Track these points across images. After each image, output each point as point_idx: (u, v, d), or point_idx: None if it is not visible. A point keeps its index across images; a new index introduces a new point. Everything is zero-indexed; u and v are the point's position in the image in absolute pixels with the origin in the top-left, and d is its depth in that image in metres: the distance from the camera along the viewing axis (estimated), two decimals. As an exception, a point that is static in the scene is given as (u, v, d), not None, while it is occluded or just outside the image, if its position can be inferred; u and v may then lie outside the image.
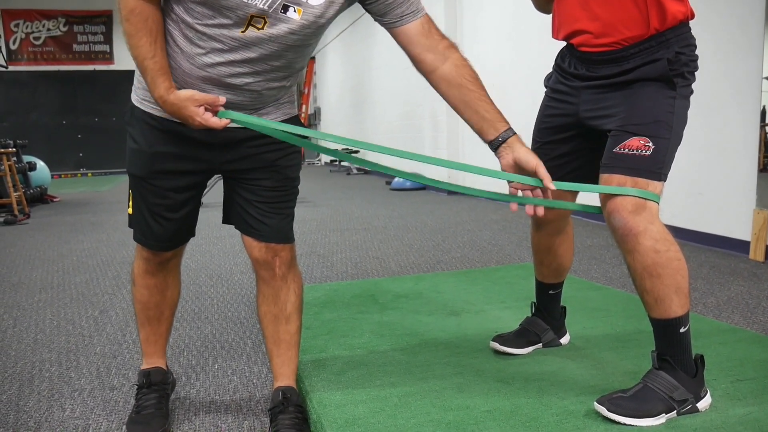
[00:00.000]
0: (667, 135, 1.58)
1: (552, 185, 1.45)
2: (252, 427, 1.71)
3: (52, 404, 1.88)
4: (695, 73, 1.64)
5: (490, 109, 1.51)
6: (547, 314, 2.10)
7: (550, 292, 2.08)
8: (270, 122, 1.51)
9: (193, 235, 1.73)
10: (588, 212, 1.62)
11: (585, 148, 1.81)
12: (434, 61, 1.51)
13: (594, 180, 1.79)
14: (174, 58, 1.45)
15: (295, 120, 1.66)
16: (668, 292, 1.56)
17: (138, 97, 1.58)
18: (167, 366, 1.87)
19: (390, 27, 1.52)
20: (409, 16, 1.49)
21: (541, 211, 1.50)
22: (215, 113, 1.43)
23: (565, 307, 2.14)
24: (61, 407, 1.86)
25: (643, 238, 1.54)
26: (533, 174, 1.47)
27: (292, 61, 1.50)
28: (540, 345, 2.08)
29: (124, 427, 1.72)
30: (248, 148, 1.58)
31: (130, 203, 1.67)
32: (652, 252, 1.54)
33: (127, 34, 1.41)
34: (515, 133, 1.50)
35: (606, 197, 1.59)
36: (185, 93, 1.41)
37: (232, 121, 1.45)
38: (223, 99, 1.43)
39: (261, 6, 1.36)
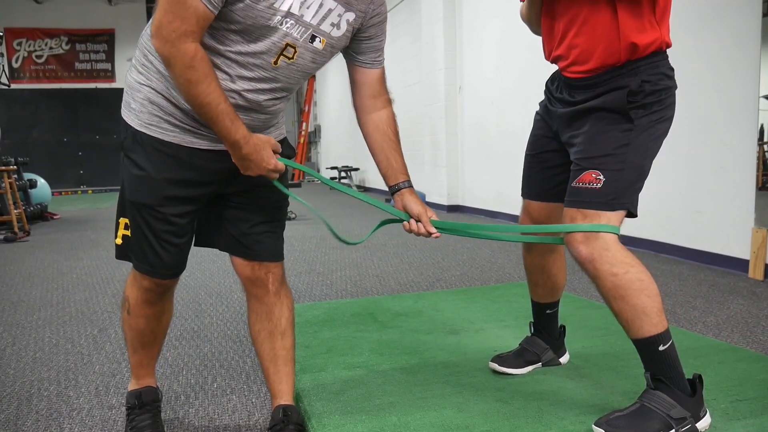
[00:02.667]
0: (619, 167, 1.62)
1: (432, 229, 1.67)
2: (251, 447, 1.71)
3: (51, 423, 1.88)
4: (665, 100, 1.65)
5: (399, 160, 1.71)
6: (546, 333, 2.10)
7: (547, 311, 2.09)
8: (320, 175, 1.69)
9: (182, 271, 1.70)
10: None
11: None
12: (373, 105, 1.70)
13: None
14: None
15: (284, 141, 1.71)
16: (635, 312, 1.59)
17: (142, 121, 1.51)
18: (156, 383, 1.86)
19: (359, 65, 1.67)
20: (378, 63, 1.68)
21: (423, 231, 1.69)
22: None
23: (564, 327, 2.14)
24: (59, 426, 1.86)
25: (598, 263, 1.60)
26: (417, 218, 1.69)
27: (301, 84, 1.61)
28: (539, 364, 2.08)
29: None
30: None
31: (121, 233, 1.60)
32: (609, 276, 1.59)
33: (192, 82, 1.35)
34: (410, 186, 1.72)
35: (566, 234, 1.67)
36: (264, 136, 1.48)
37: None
38: (279, 147, 1.50)
39: (296, 35, 1.42)
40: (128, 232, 1.59)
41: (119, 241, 1.62)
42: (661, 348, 1.59)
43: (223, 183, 1.59)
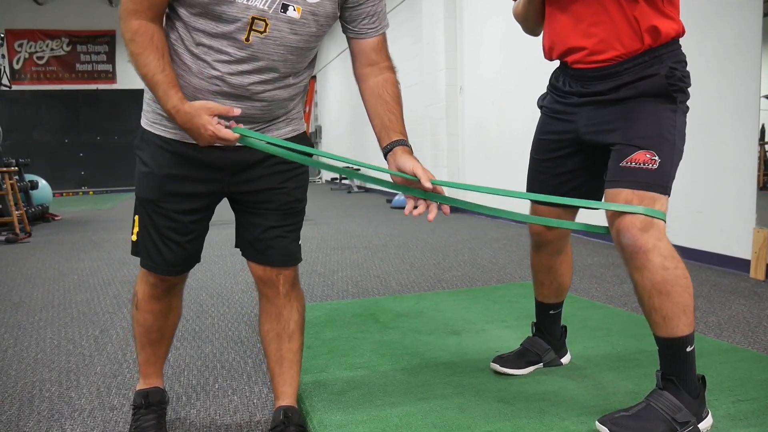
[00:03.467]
0: (671, 149, 1.60)
1: (428, 183, 1.44)
2: (252, 448, 1.71)
3: (52, 424, 1.88)
4: (689, 89, 1.67)
5: (393, 119, 1.55)
6: (548, 334, 2.10)
7: (551, 312, 2.08)
8: (277, 140, 1.50)
9: (199, 260, 1.72)
10: (592, 232, 1.63)
11: (585, 166, 1.82)
12: (370, 73, 1.60)
13: (595, 196, 1.80)
14: (183, 77, 1.46)
15: (303, 136, 1.67)
16: (676, 310, 1.55)
17: (148, 120, 1.57)
18: (164, 385, 1.87)
19: (353, 36, 1.59)
20: (373, 31, 1.57)
21: (431, 216, 1.50)
22: (230, 128, 1.42)
23: (565, 327, 2.14)
24: (61, 427, 1.86)
25: (652, 255, 1.53)
26: (412, 173, 1.47)
27: (295, 64, 1.52)
28: (541, 365, 2.08)
29: None
30: (257, 170, 1.59)
31: (136, 230, 1.64)
32: (661, 269, 1.54)
33: (134, 55, 1.41)
34: (404, 145, 1.53)
35: (614, 215, 1.59)
36: (199, 102, 1.41)
37: (242, 137, 1.43)
38: (237, 110, 1.41)
39: (261, 6, 1.38)
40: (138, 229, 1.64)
41: (134, 237, 1.65)
42: (688, 349, 1.57)
43: (226, 180, 1.59)
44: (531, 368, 2.06)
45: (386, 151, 1.54)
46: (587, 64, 1.68)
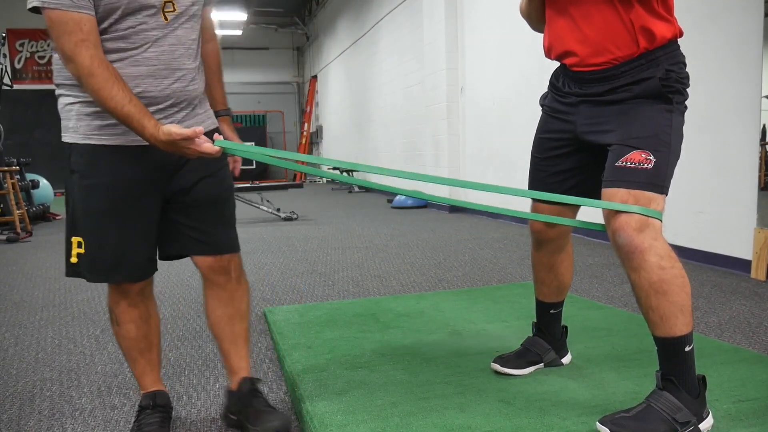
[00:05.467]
0: (666, 149, 1.60)
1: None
2: (253, 447, 1.71)
3: (53, 424, 1.88)
4: (686, 90, 1.67)
5: (219, 90, 1.85)
6: (549, 334, 2.10)
7: (551, 311, 2.08)
8: (257, 147, 1.63)
9: (156, 269, 1.75)
10: (590, 229, 1.63)
11: (583, 165, 1.82)
12: (207, 36, 1.79)
13: (594, 195, 1.80)
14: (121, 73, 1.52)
15: (213, 132, 1.74)
16: (674, 309, 1.55)
17: (80, 133, 1.59)
18: (166, 389, 1.88)
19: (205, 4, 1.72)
20: (212, 4, 1.78)
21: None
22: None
23: (566, 327, 2.14)
24: (62, 427, 1.86)
25: (648, 254, 1.54)
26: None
27: (198, 39, 1.66)
28: (541, 365, 2.08)
29: None
30: (193, 163, 1.65)
31: (76, 251, 1.64)
32: (657, 268, 1.54)
33: (96, 90, 1.43)
34: (227, 115, 1.87)
35: (610, 214, 1.60)
36: (167, 128, 1.46)
37: (225, 150, 1.56)
38: (200, 129, 1.48)
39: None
40: (82, 250, 1.63)
41: (74, 260, 1.65)
42: (686, 348, 1.57)
43: (166, 178, 1.65)
44: (532, 368, 2.06)
45: (217, 115, 1.82)
46: (584, 67, 1.69)
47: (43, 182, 8.15)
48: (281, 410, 1.83)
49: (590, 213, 1.72)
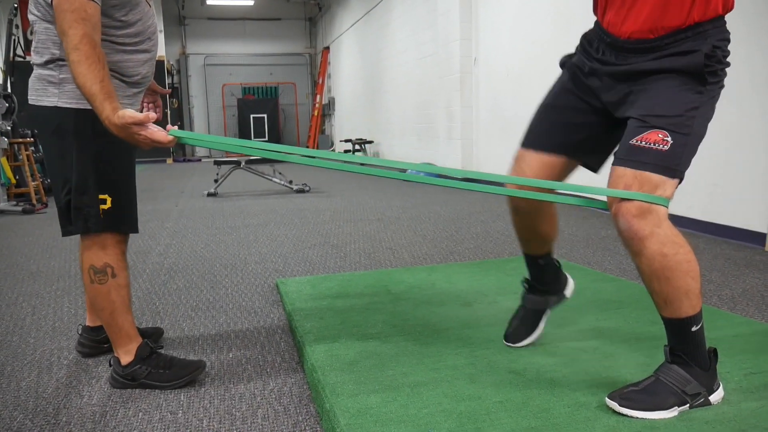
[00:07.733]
0: (687, 131, 1.53)
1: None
2: (266, 416, 1.73)
3: (70, 391, 1.92)
4: (726, 69, 1.59)
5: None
6: (540, 284, 2.04)
7: (540, 261, 2.01)
8: (211, 136, 1.70)
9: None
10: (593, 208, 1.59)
11: (598, 125, 1.74)
12: None
13: (598, 156, 1.76)
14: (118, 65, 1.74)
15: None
16: (678, 294, 1.53)
17: (75, 99, 1.73)
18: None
19: None
20: None
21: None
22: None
23: (559, 262, 2.06)
24: (78, 394, 1.90)
25: (649, 242, 1.50)
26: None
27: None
28: (547, 315, 2.05)
29: (166, 386, 1.90)
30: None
31: (108, 205, 1.79)
32: (659, 256, 1.50)
33: (76, 62, 1.52)
34: None
35: (612, 197, 1.55)
36: (121, 113, 1.51)
37: (179, 140, 1.58)
38: (153, 115, 1.53)
39: None
40: (107, 206, 1.79)
41: (107, 206, 1.80)
42: (693, 329, 1.56)
43: None
44: (541, 325, 2.04)
45: None
46: (629, 35, 1.59)
47: (58, 154, 8.18)
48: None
49: (593, 177, 1.68)
